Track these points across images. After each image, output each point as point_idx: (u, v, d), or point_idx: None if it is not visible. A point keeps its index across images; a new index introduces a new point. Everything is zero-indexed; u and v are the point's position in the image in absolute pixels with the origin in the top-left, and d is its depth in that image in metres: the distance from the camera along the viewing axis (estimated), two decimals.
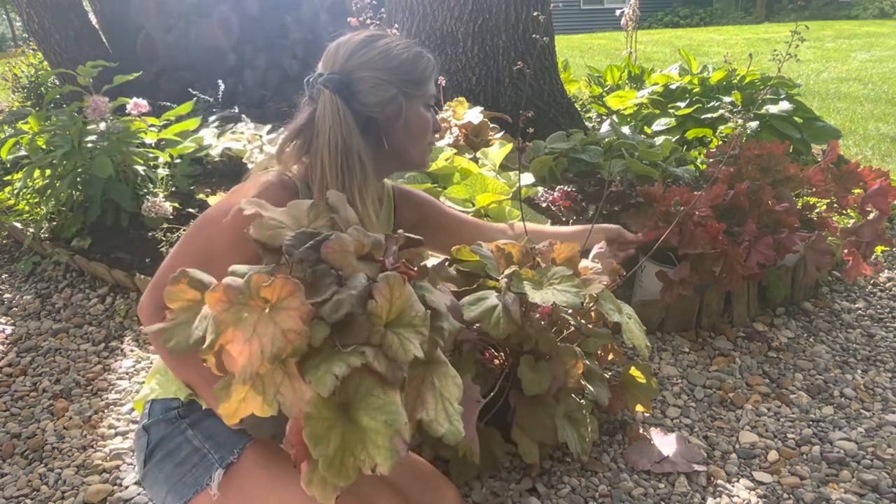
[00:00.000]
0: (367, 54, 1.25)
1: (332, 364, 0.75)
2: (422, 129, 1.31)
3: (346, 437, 0.75)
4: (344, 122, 1.19)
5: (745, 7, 19.23)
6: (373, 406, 0.77)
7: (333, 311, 0.77)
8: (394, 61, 1.25)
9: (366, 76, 1.23)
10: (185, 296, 0.82)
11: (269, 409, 0.75)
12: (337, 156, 1.18)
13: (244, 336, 0.74)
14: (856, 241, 2.38)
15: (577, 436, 1.65)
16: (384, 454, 0.74)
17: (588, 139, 2.95)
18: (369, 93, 1.23)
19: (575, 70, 6.61)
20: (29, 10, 4.62)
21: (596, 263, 1.73)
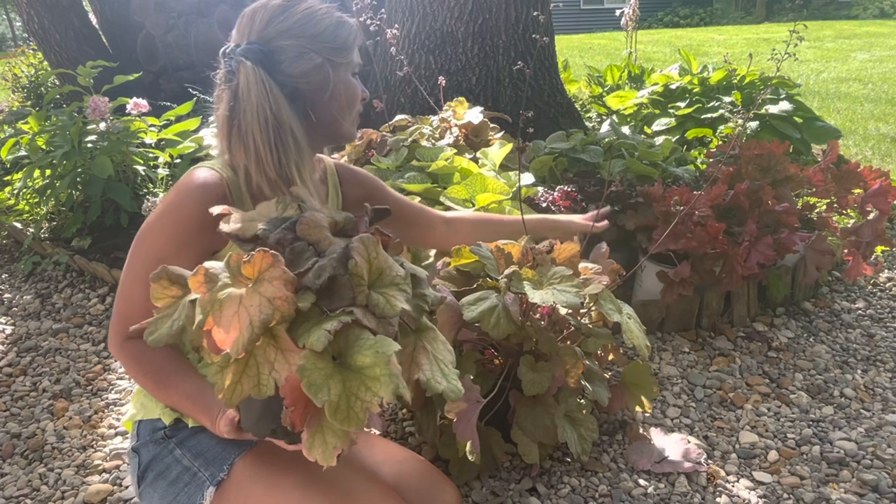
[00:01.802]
0: (287, 20, 1.15)
1: (323, 324, 0.78)
2: (350, 99, 1.24)
3: (347, 382, 0.77)
4: (271, 94, 1.10)
5: (745, 7, 19.23)
6: (365, 346, 0.79)
7: (316, 276, 0.80)
8: (317, 27, 1.16)
9: (288, 44, 1.14)
10: (168, 293, 0.83)
11: (265, 388, 0.76)
12: (269, 131, 1.10)
13: (231, 310, 0.75)
14: (856, 241, 2.38)
15: (577, 436, 1.65)
16: (384, 382, 0.76)
17: (588, 139, 2.95)
18: (293, 62, 1.15)
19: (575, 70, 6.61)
20: (29, 10, 4.62)
21: (596, 263, 1.73)
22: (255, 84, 1.09)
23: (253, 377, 0.77)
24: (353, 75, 1.24)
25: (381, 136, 2.70)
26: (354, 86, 1.24)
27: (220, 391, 0.77)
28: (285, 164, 1.11)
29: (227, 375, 0.77)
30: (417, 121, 2.90)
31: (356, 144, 2.70)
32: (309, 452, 0.77)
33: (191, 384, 1.07)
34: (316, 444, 0.77)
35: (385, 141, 2.66)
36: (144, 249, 1.10)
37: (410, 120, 2.91)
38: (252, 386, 0.77)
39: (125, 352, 1.10)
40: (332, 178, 1.41)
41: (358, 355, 0.79)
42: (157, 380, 1.08)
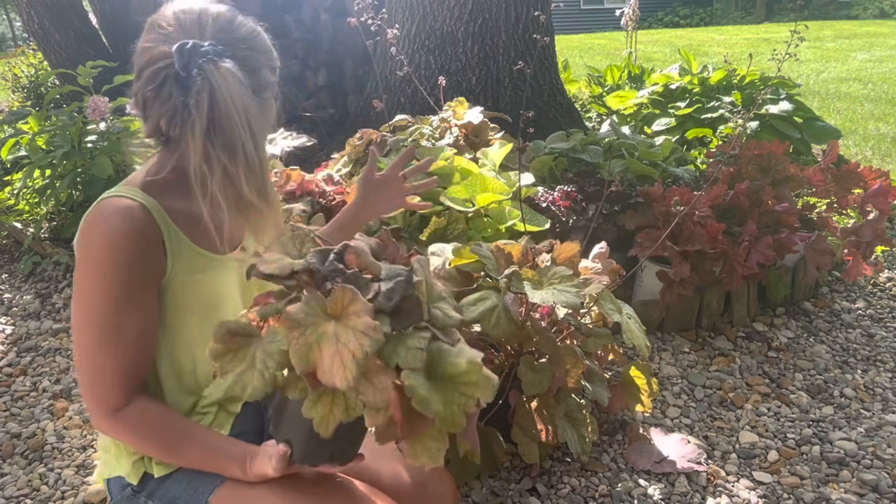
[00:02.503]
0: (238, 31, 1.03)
1: (408, 343, 0.83)
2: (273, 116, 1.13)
3: (443, 392, 0.82)
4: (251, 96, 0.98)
5: (745, 7, 19.22)
6: (451, 356, 0.85)
7: (387, 299, 0.84)
8: (264, 44, 1.06)
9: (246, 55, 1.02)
10: (229, 346, 0.85)
11: (353, 412, 0.81)
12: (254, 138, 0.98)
13: (331, 349, 0.78)
14: (856, 241, 2.38)
15: (577, 436, 1.65)
16: (482, 385, 0.82)
17: (588, 139, 2.95)
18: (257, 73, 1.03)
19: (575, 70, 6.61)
20: (29, 10, 4.62)
21: (596, 263, 1.74)
22: (237, 86, 0.96)
23: (341, 403, 0.81)
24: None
25: (381, 136, 2.69)
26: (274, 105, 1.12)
27: (318, 424, 0.81)
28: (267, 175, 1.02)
29: (320, 407, 0.81)
30: (417, 121, 2.90)
31: (356, 144, 2.70)
32: (416, 459, 0.82)
33: (206, 440, 1.03)
34: (419, 451, 0.82)
35: (385, 141, 2.66)
36: (95, 311, 0.98)
37: (410, 120, 2.91)
38: (342, 411, 0.81)
39: (120, 424, 1.01)
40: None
41: (447, 365, 0.84)
42: (166, 445, 1.02)
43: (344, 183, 2.43)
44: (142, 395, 1.03)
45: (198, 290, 1.07)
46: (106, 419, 1.01)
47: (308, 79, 4.19)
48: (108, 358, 0.99)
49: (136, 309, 0.99)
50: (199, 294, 1.08)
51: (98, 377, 1.00)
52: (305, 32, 4.18)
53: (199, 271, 1.07)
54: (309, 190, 2.31)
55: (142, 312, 1.00)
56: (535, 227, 2.20)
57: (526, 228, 2.13)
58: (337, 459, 0.93)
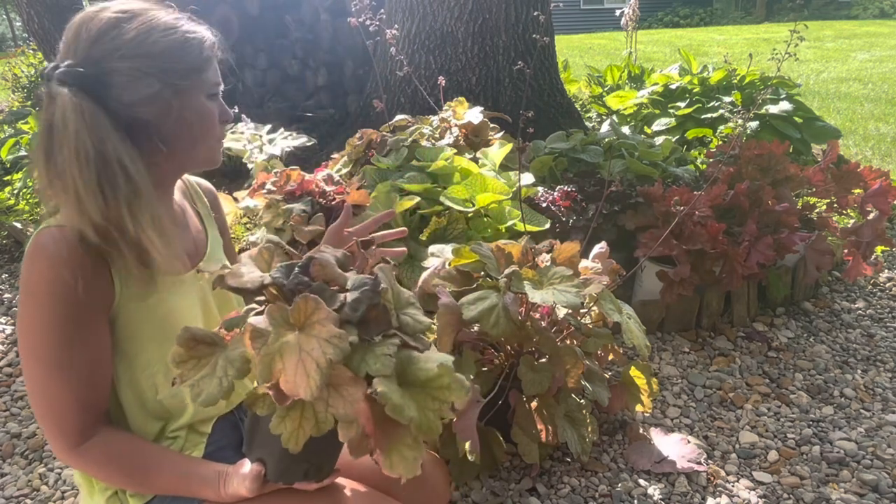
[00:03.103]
0: (118, 38, 0.97)
1: (377, 351, 0.82)
2: (205, 125, 1.06)
3: (416, 398, 0.82)
4: (94, 126, 0.92)
5: (745, 7, 19.23)
6: (422, 362, 0.85)
7: (353, 309, 0.83)
8: (154, 47, 0.98)
9: (120, 67, 0.96)
10: (193, 353, 0.84)
11: (324, 425, 0.79)
12: (90, 169, 0.91)
13: (294, 359, 0.77)
14: (856, 241, 2.38)
15: (577, 436, 1.65)
16: (455, 388, 0.82)
17: (588, 139, 2.95)
18: (126, 89, 0.96)
19: (575, 70, 6.61)
20: (29, 10, 4.62)
21: (596, 263, 1.74)
22: (72, 114, 0.91)
23: (311, 417, 0.80)
24: (209, 97, 1.06)
25: (381, 136, 2.69)
26: (209, 110, 1.06)
27: (286, 440, 0.80)
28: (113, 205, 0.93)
29: (288, 422, 0.80)
30: (417, 121, 2.90)
31: (356, 144, 2.70)
32: (392, 471, 0.81)
33: (176, 466, 1.00)
34: (395, 461, 0.81)
35: (385, 141, 2.66)
36: (41, 345, 0.95)
37: (410, 120, 2.91)
38: (312, 426, 0.80)
39: (84, 458, 0.98)
40: (200, 201, 1.26)
41: (419, 371, 0.84)
42: (134, 475, 0.99)
43: (344, 183, 2.43)
44: (104, 426, 1.00)
45: (152, 313, 1.04)
46: (68, 454, 0.98)
47: (308, 79, 4.19)
48: (61, 392, 0.95)
49: (84, 339, 0.96)
50: (154, 317, 1.04)
51: (54, 412, 0.96)
52: (305, 32, 4.18)
53: (152, 293, 1.03)
54: (309, 190, 2.31)
55: (91, 344, 0.97)
56: (535, 227, 2.20)
57: (526, 228, 2.13)
58: (312, 476, 0.92)
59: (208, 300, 1.15)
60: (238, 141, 3.23)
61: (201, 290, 1.14)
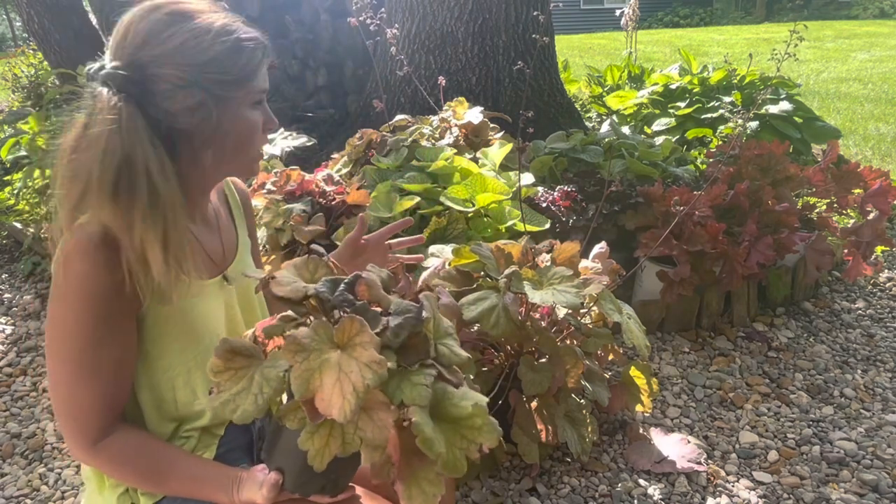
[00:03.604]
0: (167, 42, 0.94)
1: (413, 379, 0.81)
2: (247, 136, 1.03)
3: (446, 433, 0.81)
4: (127, 128, 0.91)
5: (745, 7, 19.23)
6: (455, 398, 0.83)
7: (395, 335, 0.83)
8: (203, 55, 0.94)
9: (165, 74, 0.93)
10: (231, 365, 0.83)
11: (350, 446, 0.79)
12: (111, 171, 0.90)
13: (332, 378, 0.77)
14: (856, 241, 2.38)
15: (577, 436, 1.65)
16: (486, 431, 0.81)
17: (588, 139, 2.95)
18: (169, 97, 0.94)
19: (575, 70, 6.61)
20: (29, 10, 4.62)
21: (596, 263, 1.74)
22: (109, 115, 0.90)
23: (338, 437, 0.79)
24: (254, 105, 1.03)
25: (381, 136, 2.70)
26: (253, 121, 1.02)
27: (312, 457, 0.79)
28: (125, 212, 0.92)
29: (317, 439, 0.79)
30: (417, 121, 2.90)
31: (356, 144, 2.70)
32: (410, 502, 0.80)
33: (190, 468, 1.00)
34: (414, 494, 0.80)
35: (385, 141, 2.66)
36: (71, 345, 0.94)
37: (410, 120, 2.91)
38: (339, 445, 0.79)
39: (100, 456, 0.98)
40: (235, 204, 1.25)
41: (452, 407, 0.83)
42: (148, 475, 0.99)
43: (344, 183, 2.43)
44: (121, 425, 1.00)
45: (178, 317, 1.03)
46: (86, 451, 0.98)
47: (308, 79, 4.19)
48: (85, 391, 0.95)
49: (114, 341, 0.96)
50: (180, 322, 1.04)
51: (76, 410, 0.96)
52: (305, 32, 4.18)
53: (181, 298, 1.01)
54: (309, 190, 2.31)
55: (119, 344, 0.97)
56: (534, 227, 2.20)
57: (526, 228, 2.13)
58: (329, 491, 0.92)
59: (233, 305, 1.14)
60: None
61: (227, 295, 1.13)
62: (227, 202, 1.23)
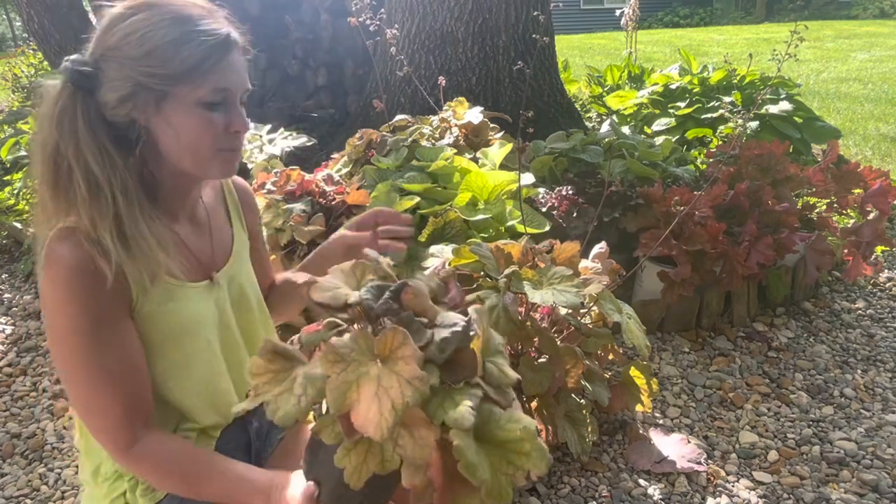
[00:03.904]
0: (115, 34, 0.92)
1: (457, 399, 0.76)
2: (195, 135, 0.96)
3: (491, 458, 0.76)
4: (62, 119, 0.91)
5: (745, 7, 19.22)
6: (503, 421, 0.78)
7: (440, 350, 0.78)
8: (143, 46, 0.91)
9: (109, 66, 0.92)
10: (271, 367, 0.80)
11: (389, 464, 0.75)
12: (48, 165, 0.91)
13: (370, 393, 0.73)
14: (856, 241, 2.38)
15: (577, 436, 1.65)
16: (535, 457, 0.76)
17: (588, 139, 2.95)
18: (110, 89, 0.92)
19: (575, 70, 6.61)
20: (29, 11, 4.62)
21: (596, 263, 1.74)
22: (49, 108, 0.91)
23: (377, 454, 0.75)
24: (207, 105, 0.96)
25: (381, 136, 2.70)
26: (201, 120, 0.96)
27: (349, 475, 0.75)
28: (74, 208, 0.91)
29: (353, 456, 0.76)
30: (417, 121, 2.90)
31: (356, 144, 2.70)
32: None
33: (228, 472, 0.98)
34: None
35: (385, 141, 2.66)
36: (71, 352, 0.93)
37: (410, 120, 2.91)
38: (377, 463, 0.75)
39: (137, 463, 0.97)
40: (233, 202, 1.21)
41: (498, 430, 0.78)
42: (187, 480, 0.98)
43: (344, 183, 2.43)
44: (154, 430, 0.99)
45: (166, 320, 1.01)
46: (122, 457, 0.97)
47: (308, 79, 4.19)
48: (101, 398, 0.95)
49: (115, 342, 0.95)
50: (167, 324, 1.02)
51: (99, 420, 0.96)
52: (305, 32, 4.18)
53: (168, 300, 1.01)
54: (309, 190, 2.31)
55: (122, 344, 0.96)
56: (534, 229, 2.20)
57: (526, 230, 2.13)
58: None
59: (226, 308, 1.12)
60: None
61: (219, 298, 1.10)
62: (224, 202, 1.20)
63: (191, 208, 1.10)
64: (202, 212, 1.13)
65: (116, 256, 0.91)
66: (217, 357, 1.09)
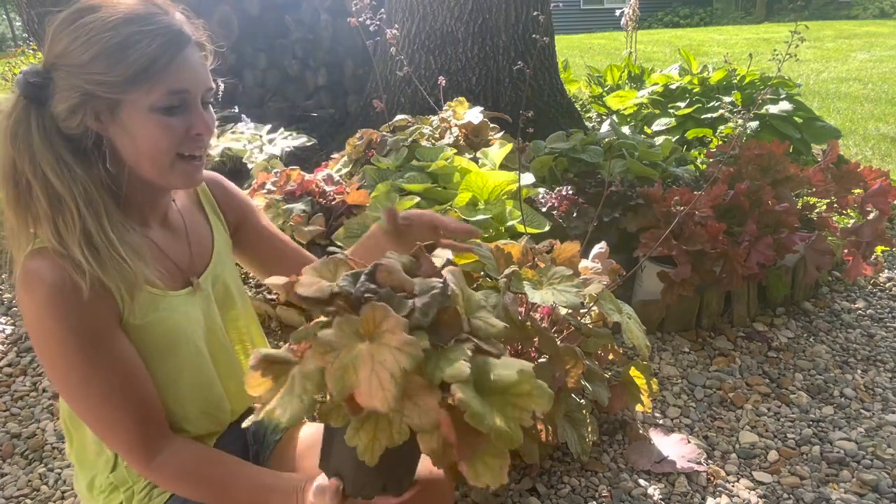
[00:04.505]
0: (60, 43, 0.89)
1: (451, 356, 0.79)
2: (154, 141, 0.92)
3: (495, 405, 0.78)
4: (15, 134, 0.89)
5: (745, 7, 19.23)
6: (498, 368, 0.81)
7: (424, 314, 0.80)
8: (86, 54, 0.87)
9: (56, 75, 0.89)
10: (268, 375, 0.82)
11: (399, 436, 0.77)
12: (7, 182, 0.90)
13: (367, 370, 0.75)
14: (856, 241, 2.38)
15: (577, 436, 1.65)
16: (536, 395, 0.78)
17: (588, 139, 2.95)
18: (59, 99, 0.89)
19: (575, 70, 6.60)
20: (29, 10, 4.62)
21: (596, 263, 1.74)
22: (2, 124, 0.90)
23: (386, 429, 0.77)
24: (162, 109, 0.91)
25: (381, 136, 2.70)
26: (158, 124, 0.92)
27: (362, 452, 0.77)
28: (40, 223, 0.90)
29: (363, 434, 0.78)
30: (417, 121, 2.90)
31: (356, 144, 2.70)
32: (477, 480, 0.77)
33: (252, 478, 0.98)
34: (480, 470, 0.78)
35: (385, 141, 2.66)
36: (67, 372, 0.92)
37: (410, 120, 2.91)
38: (387, 437, 0.77)
39: (161, 473, 0.96)
40: (207, 200, 1.18)
41: (497, 378, 0.80)
42: (213, 489, 0.98)
43: (344, 183, 2.43)
44: (175, 439, 0.99)
45: (153, 330, 0.99)
46: (145, 469, 0.96)
47: (308, 79, 4.19)
48: (111, 413, 0.93)
49: (108, 355, 0.93)
50: (156, 335, 1.00)
51: (114, 435, 0.95)
52: (305, 32, 4.18)
53: (152, 311, 0.99)
54: (309, 190, 2.31)
55: (116, 356, 0.94)
56: (534, 229, 2.20)
57: (526, 230, 2.13)
58: (392, 490, 0.89)
59: (212, 313, 1.11)
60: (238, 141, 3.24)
61: (203, 303, 1.08)
62: (199, 201, 1.17)
63: (162, 214, 1.07)
64: (176, 216, 1.10)
65: (91, 270, 0.89)
66: (207, 363, 1.08)
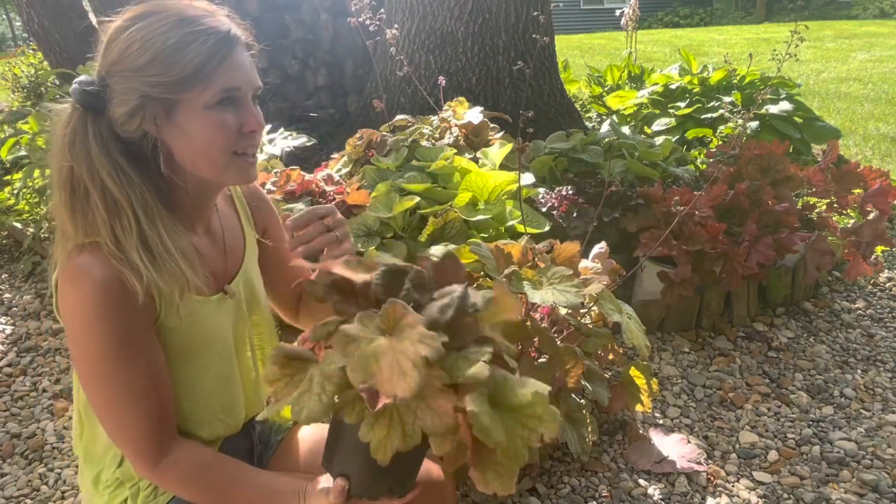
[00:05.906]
0: (116, 49, 0.92)
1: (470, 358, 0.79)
2: (211, 139, 0.94)
3: (505, 422, 0.79)
4: (73, 142, 0.91)
5: (745, 7, 19.22)
6: (515, 385, 0.81)
7: (441, 312, 0.82)
8: (141, 58, 0.90)
9: (113, 82, 0.92)
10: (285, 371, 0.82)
11: (411, 439, 0.78)
12: (64, 188, 0.92)
13: (389, 359, 0.75)
14: (856, 241, 2.38)
15: (577, 436, 1.65)
16: (547, 420, 0.78)
17: (588, 139, 2.95)
18: (118, 105, 0.91)
19: (575, 70, 6.60)
20: (29, 10, 4.62)
21: (596, 263, 1.74)
22: (60, 130, 0.92)
23: (398, 428, 0.78)
24: (217, 105, 0.94)
25: (381, 136, 2.69)
26: (215, 121, 0.94)
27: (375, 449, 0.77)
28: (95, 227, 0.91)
29: (378, 429, 0.78)
30: (417, 121, 2.90)
31: (356, 144, 2.70)
32: (486, 487, 0.78)
33: (256, 481, 0.98)
34: (490, 478, 0.79)
35: (385, 141, 2.66)
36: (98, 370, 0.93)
37: (410, 120, 2.91)
38: (400, 436, 0.77)
39: (165, 476, 0.97)
40: (241, 205, 1.20)
41: (510, 395, 0.80)
42: (216, 492, 0.98)
43: (344, 183, 2.43)
44: (181, 443, 0.99)
45: (184, 335, 1.01)
46: (149, 473, 0.97)
47: (308, 79, 4.19)
48: (128, 412, 0.94)
49: (140, 357, 0.94)
50: (186, 339, 1.02)
51: (125, 434, 0.96)
52: (305, 32, 4.18)
53: (187, 314, 1.00)
54: (309, 190, 2.31)
55: (148, 358, 0.96)
56: (534, 229, 2.20)
57: (526, 230, 2.13)
58: (396, 493, 0.90)
59: (242, 318, 1.12)
60: None
61: (234, 308, 1.10)
62: (234, 204, 1.19)
63: (207, 220, 1.09)
64: (216, 221, 1.12)
65: (147, 273, 0.91)
66: (230, 368, 1.09)
